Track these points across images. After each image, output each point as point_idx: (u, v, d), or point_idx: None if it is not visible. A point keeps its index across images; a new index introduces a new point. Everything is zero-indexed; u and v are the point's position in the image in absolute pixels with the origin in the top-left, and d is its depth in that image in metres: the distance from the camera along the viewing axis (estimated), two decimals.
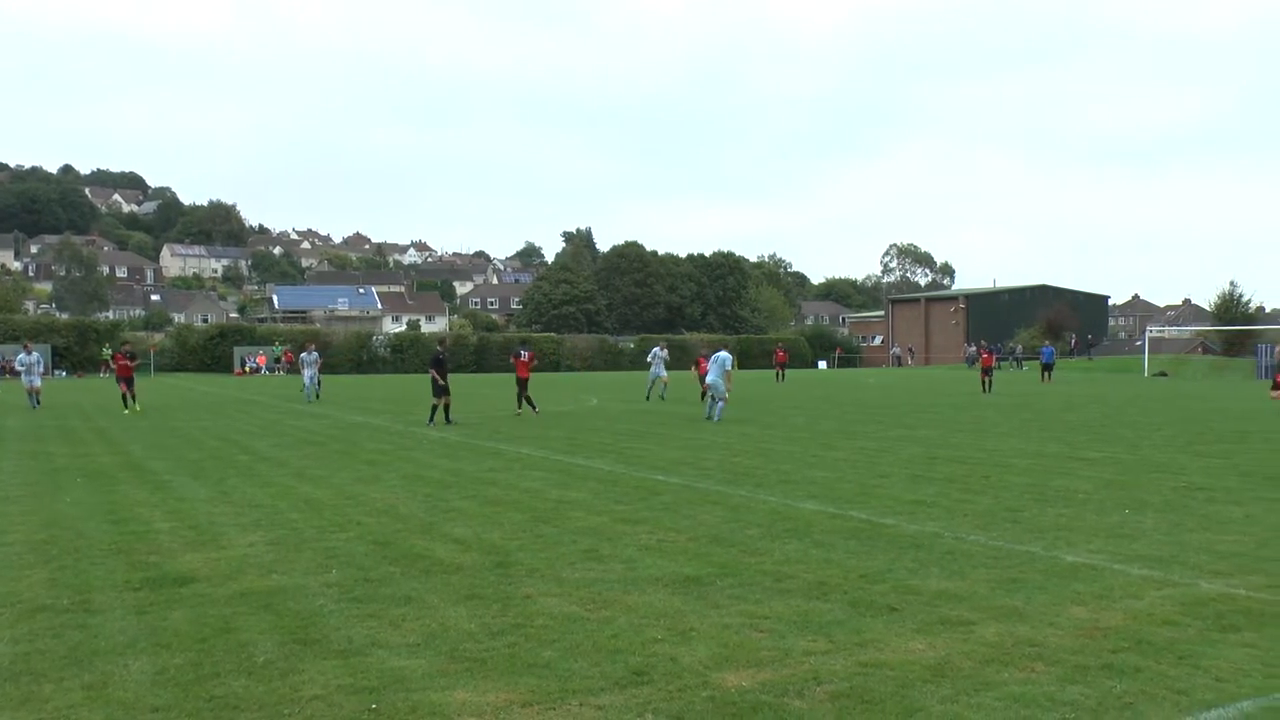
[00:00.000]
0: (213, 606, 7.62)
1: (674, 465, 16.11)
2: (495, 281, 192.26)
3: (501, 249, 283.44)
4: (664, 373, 34.81)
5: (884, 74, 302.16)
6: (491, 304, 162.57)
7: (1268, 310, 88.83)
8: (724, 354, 25.00)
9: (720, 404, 24.74)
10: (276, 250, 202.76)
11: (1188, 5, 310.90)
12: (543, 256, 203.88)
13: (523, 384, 27.02)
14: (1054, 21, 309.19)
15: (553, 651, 6.49)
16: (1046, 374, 51.16)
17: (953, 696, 5.69)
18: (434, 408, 23.93)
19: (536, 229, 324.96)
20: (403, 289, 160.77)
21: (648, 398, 34.37)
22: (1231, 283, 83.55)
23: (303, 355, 37.08)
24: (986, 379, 40.60)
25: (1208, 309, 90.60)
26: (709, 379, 25.28)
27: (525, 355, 27.85)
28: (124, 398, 29.58)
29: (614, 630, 6.94)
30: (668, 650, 6.49)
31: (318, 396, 35.64)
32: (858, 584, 8.27)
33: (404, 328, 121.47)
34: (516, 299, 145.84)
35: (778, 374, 52.03)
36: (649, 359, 36.08)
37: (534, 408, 27.03)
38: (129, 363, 30.21)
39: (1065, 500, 12.64)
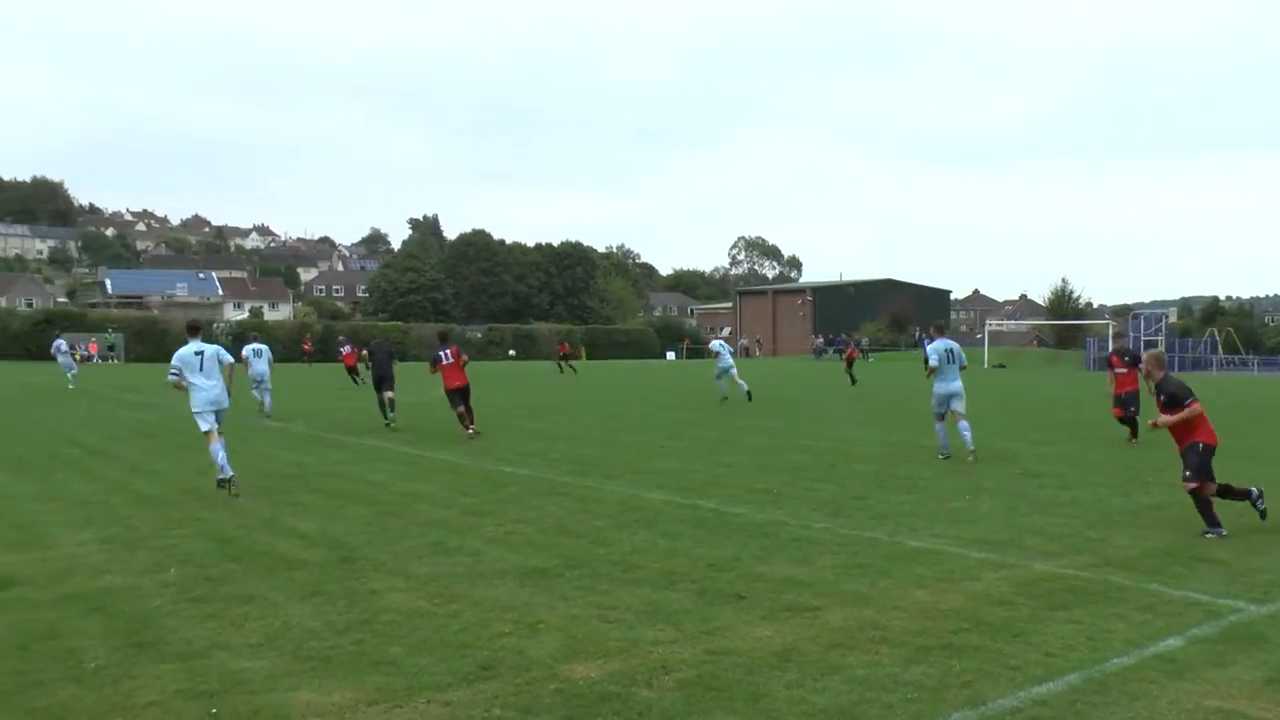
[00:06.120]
0: (37, 610, 7.22)
1: (521, 456, 16.00)
2: (341, 268, 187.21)
3: (347, 235, 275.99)
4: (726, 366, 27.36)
5: (728, 65, 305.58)
6: (337, 291, 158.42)
7: (1095, 306, 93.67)
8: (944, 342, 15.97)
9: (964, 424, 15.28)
10: (109, 231, 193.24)
11: (1010, 18, 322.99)
12: (389, 243, 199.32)
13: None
14: (889, 24, 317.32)
15: (399, 648, 6.36)
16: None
17: (799, 681, 5.79)
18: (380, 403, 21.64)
19: (382, 215, 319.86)
20: (245, 274, 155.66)
21: (750, 396, 27.01)
22: (1063, 279, 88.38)
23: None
24: (851, 372, 38.92)
25: (1042, 304, 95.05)
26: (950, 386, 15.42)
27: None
28: None
29: (461, 624, 6.84)
30: (515, 643, 6.43)
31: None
32: (705, 573, 8.32)
33: (246, 315, 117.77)
34: (362, 286, 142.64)
35: (560, 366, 50.38)
36: (712, 349, 27.98)
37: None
38: None
39: (908, 487, 13.01)
